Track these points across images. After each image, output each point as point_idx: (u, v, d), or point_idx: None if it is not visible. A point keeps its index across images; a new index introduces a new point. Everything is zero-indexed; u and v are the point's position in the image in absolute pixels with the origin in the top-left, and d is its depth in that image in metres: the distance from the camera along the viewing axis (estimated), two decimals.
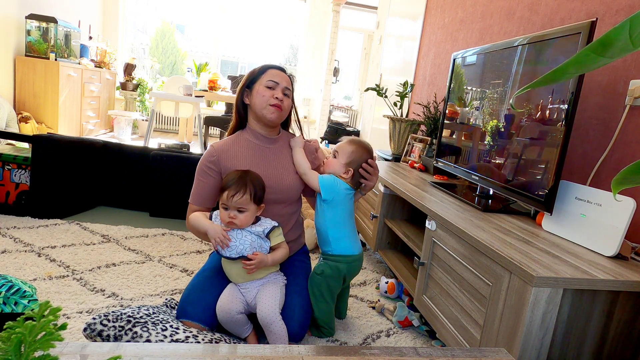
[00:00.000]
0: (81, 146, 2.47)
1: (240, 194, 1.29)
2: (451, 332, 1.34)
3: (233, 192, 1.29)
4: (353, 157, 1.49)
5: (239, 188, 1.30)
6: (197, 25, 12.06)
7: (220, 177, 1.47)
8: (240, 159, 1.47)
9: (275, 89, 1.47)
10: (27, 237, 2.03)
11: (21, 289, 1.31)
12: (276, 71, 1.50)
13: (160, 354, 0.71)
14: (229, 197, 1.29)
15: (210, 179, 1.47)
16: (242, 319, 1.33)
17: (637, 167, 0.53)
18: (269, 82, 1.47)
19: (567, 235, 1.33)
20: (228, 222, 1.31)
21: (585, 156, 1.54)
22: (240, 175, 1.33)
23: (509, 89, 1.63)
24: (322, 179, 1.47)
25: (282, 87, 1.48)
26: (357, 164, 1.50)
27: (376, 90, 2.84)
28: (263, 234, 1.34)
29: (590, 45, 0.47)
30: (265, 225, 1.36)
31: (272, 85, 1.47)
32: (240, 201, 1.30)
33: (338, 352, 0.77)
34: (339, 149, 1.52)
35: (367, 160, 1.51)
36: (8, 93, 4.02)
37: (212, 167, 1.47)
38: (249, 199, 1.31)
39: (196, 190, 1.49)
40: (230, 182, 1.32)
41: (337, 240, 1.49)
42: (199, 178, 1.49)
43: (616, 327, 1.10)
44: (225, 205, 1.32)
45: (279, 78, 1.48)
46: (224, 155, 1.47)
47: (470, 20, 2.55)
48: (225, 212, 1.32)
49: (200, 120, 4.49)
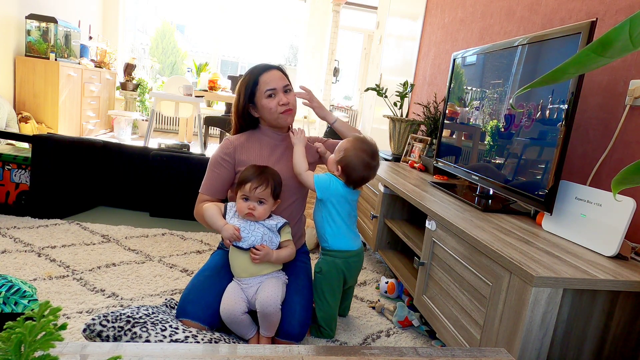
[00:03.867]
0: (81, 146, 2.47)
1: (263, 186, 1.34)
2: (451, 332, 1.34)
3: (256, 184, 1.34)
4: (345, 154, 1.44)
5: (261, 181, 1.35)
6: (197, 25, 12.06)
7: (233, 169, 1.50)
8: (254, 153, 1.50)
9: (277, 94, 1.47)
10: (27, 237, 2.03)
11: (21, 289, 1.31)
12: (268, 75, 1.48)
13: (160, 354, 0.71)
14: (252, 189, 1.34)
15: (223, 171, 1.50)
16: (246, 319, 1.34)
17: (637, 167, 0.53)
18: (268, 92, 1.46)
19: (567, 235, 1.33)
20: (247, 213, 1.35)
21: (585, 156, 1.54)
22: (262, 170, 1.38)
23: (509, 89, 1.63)
24: (317, 178, 1.46)
25: (280, 89, 1.48)
26: (349, 162, 1.43)
27: (376, 90, 2.84)
28: (275, 227, 1.39)
29: (590, 45, 0.47)
30: (278, 220, 1.41)
31: (272, 93, 1.47)
32: (262, 193, 1.34)
33: (338, 352, 0.77)
34: (337, 146, 1.51)
35: (365, 160, 1.43)
36: (8, 93, 4.02)
37: (228, 159, 1.49)
38: (269, 192, 1.36)
39: (208, 182, 1.51)
40: (252, 176, 1.36)
41: (334, 236, 1.49)
42: (212, 169, 1.51)
43: (616, 327, 1.10)
44: (246, 196, 1.35)
45: (273, 82, 1.47)
46: (239, 148, 1.50)
47: (470, 20, 2.55)
48: (245, 203, 1.35)
49: (200, 120, 4.49)
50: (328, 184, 1.46)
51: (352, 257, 1.51)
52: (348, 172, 1.45)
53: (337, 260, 1.49)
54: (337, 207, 1.48)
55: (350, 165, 1.44)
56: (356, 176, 1.45)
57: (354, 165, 1.43)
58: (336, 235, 1.49)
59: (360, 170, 1.44)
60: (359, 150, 1.44)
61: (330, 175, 1.48)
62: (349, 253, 1.50)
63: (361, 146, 1.45)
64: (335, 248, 1.50)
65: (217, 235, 2.33)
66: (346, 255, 1.50)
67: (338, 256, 1.49)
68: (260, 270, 1.37)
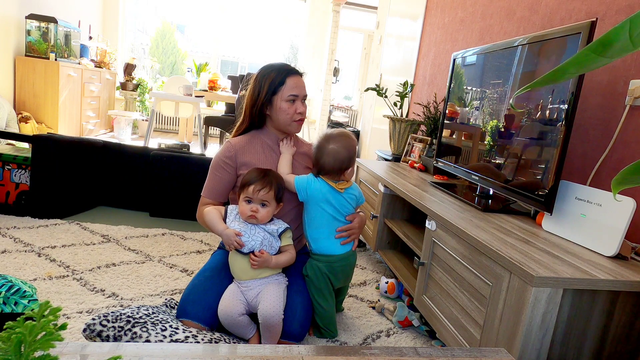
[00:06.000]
0: (81, 146, 2.47)
1: (266, 189, 1.34)
2: (451, 332, 1.34)
3: (260, 186, 1.34)
4: (314, 151, 1.47)
5: (265, 184, 1.35)
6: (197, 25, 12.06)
7: (235, 172, 1.50)
8: (256, 156, 1.50)
9: (297, 101, 1.47)
10: (27, 237, 2.03)
11: (21, 289, 1.31)
12: (295, 80, 1.48)
13: (161, 354, 0.71)
14: (255, 192, 1.34)
15: (225, 174, 1.49)
16: (244, 320, 1.33)
17: (637, 167, 0.53)
18: (290, 97, 1.46)
19: (567, 235, 1.33)
20: (250, 215, 1.34)
21: (585, 156, 1.54)
22: (265, 173, 1.38)
23: (509, 89, 1.63)
24: (297, 180, 1.45)
25: (302, 96, 1.49)
26: (315, 154, 1.45)
27: (376, 90, 2.84)
28: (276, 232, 1.38)
29: (590, 45, 0.47)
30: (279, 225, 1.41)
31: (294, 99, 1.47)
32: (265, 196, 1.34)
33: (338, 352, 0.77)
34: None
35: (323, 146, 1.44)
36: (8, 93, 4.02)
37: (229, 162, 1.49)
38: (273, 195, 1.36)
39: (210, 185, 1.51)
40: (256, 178, 1.35)
41: (315, 240, 1.48)
42: (214, 172, 1.51)
43: (616, 327, 1.10)
44: (249, 198, 1.35)
45: (298, 89, 1.47)
46: (241, 151, 1.50)
47: (470, 20, 2.55)
48: (248, 206, 1.35)
49: (200, 120, 4.49)
50: (306, 185, 1.45)
51: (336, 262, 1.47)
52: (319, 164, 1.45)
53: (319, 264, 1.46)
54: (318, 209, 1.45)
55: (316, 157, 1.46)
56: (327, 164, 1.44)
57: (318, 156, 1.45)
58: (317, 239, 1.48)
59: (325, 157, 1.44)
60: (322, 140, 1.46)
61: (311, 175, 1.47)
62: (332, 258, 1.47)
63: (323, 137, 1.47)
64: (317, 252, 1.48)
65: (217, 236, 2.32)
66: (329, 259, 1.47)
67: (321, 260, 1.47)
68: (260, 273, 1.37)
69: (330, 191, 1.45)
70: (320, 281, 1.46)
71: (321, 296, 1.47)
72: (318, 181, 1.45)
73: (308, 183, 1.45)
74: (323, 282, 1.46)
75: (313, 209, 1.46)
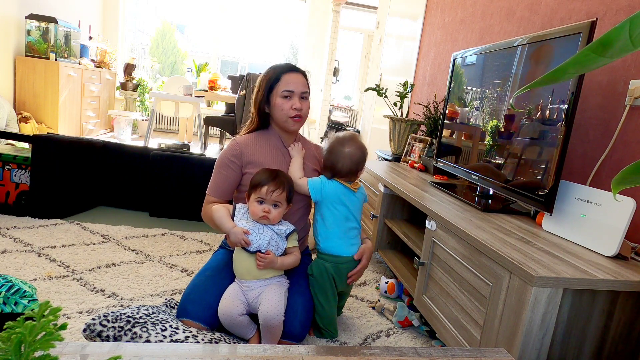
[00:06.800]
0: (81, 146, 2.47)
1: (279, 190, 1.35)
2: (451, 332, 1.34)
3: (273, 187, 1.34)
4: (325, 154, 1.50)
5: (278, 185, 1.35)
6: (197, 25, 12.07)
7: (240, 171, 1.50)
8: (262, 155, 1.50)
9: (292, 97, 1.47)
10: (27, 237, 2.03)
11: (21, 289, 1.31)
12: (291, 76, 1.49)
13: (161, 354, 0.71)
14: (269, 192, 1.34)
15: (230, 172, 1.49)
16: (244, 320, 1.33)
17: (637, 167, 0.53)
18: (285, 92, 1.47)
19: (567, 235, 1.33)
20: (262, 216, 1.34)
21: (585, 156, 1.54)
22: (276, 173, 1.38)
23: (509, 89, 1.63)
24: (311, 181, 1.47)
25: (298, 93, 1.48)
26: (328, 157, 1.48)
27: (376, 90, 2.84)
28: (284, 233, 1.38)
29: (590, 45, 0.47)
30: (287, 226, 1.41)
31: (289, 95, 1.47)
32: (279, 197, 1.35)
33: (338, 352, 0.77)
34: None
35: (338, 149, 1.48)
36: (8, 93, 4.02)
37: (235, 160, 1.49)
38: (285, 196, 1.37)
39: (215, 183, 1.51)
40: (268, 180, 1.35)
41: (325, 239, 1.49)
42: (219, 171, 1.50)
43: (616, 327, 1.10)
44: (262, 199, 1.35)
45: (294, 85, 1.48)
46: (246, 149, 1.50)
47: (470, 20, 2.55)
48: (260, 207, 1.35)
49: (200, 120, 4.49)
50: (321, 186, 1.47)
51: (343, 263, 1.48)
52: (332, 167, 1.47)
53: (326, 264, 1.47)
54: (332, 209, 1.47)
55: (332, 161, 1.47)
56: (344, 167, 1.47)
57: (334, 160, 1.47)
58: (327, 238, 1.48)
59: (342, 161, 1.46)
60: (334, 144, 1.49)
61: (323, 177, 1.49)
62: (340, 259, 1.48)
63: (335, 141, 1.50)
64: (325, 251, 1.49)
65: (217, 235, 2.33)
66: (336, 260, 1.47)
67: (328, 260, 1.48)
68: (264, 274, 1.36)
69: (345, 192, 1.47)
70: (325, 281, 1.47)
71: (324, 296, 1.47)
72: (332, 182, 1.47)
73: (322, 184, 1.47)
74: (328, 282, 1.47)
75: (328, 209, 1.48)
